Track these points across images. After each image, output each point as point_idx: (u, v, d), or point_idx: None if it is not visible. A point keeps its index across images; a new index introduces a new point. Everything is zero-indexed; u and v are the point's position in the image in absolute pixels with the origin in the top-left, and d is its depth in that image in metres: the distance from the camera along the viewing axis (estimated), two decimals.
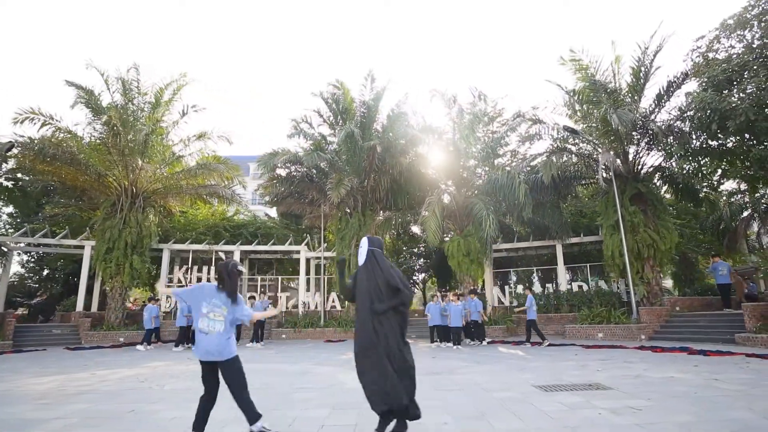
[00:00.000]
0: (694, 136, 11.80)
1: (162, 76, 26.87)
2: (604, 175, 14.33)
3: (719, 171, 13.14)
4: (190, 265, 19.36)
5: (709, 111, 9.75)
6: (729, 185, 17.50)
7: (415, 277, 34.95)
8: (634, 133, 14.23)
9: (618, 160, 15.11)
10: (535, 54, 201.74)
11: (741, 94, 9.88)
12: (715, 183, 15.05)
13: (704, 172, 12.89)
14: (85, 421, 4.42)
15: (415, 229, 23.77)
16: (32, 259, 27.47)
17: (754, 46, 10.95)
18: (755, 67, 10.06)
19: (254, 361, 9.48)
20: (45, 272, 28.46)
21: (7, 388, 6.54)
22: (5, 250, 18.05)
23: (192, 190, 18.80)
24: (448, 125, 18.47)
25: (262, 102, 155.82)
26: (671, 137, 12.82)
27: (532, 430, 3.78)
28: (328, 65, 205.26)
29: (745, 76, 9.94)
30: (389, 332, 3.49)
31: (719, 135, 10.74)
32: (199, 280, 18.61)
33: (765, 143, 11.20)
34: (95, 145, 16.79)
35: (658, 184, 16.26)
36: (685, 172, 13.18)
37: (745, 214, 17.87)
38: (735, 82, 10.25)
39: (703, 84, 10.66)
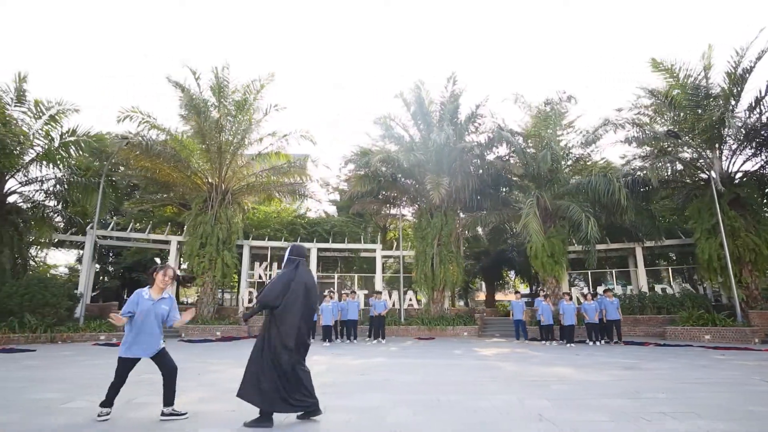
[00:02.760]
0: None
1: (250, 76, 27.12)
2: (705, 178, 14.51)
3: None
4: (269, 261, 19.71)
5: None
6: None
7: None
8: (740, 138, 14.38)
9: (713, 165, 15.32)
10: (608, 56, 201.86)
11: None
12: None
13: None
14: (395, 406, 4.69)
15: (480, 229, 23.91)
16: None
17: None
18: None
19: (408, 357, 9.76)
20: (97, 266, 28.99)
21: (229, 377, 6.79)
22: (96, 242, 18.43)
23: (274, 188, 19.15)
24: (528, 128, 18.77)
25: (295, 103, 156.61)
26: None
27: None
28: (401, 65, 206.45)
29: None
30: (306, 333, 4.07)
31: None
32: None
33: None
34: (189, 142, 17.14)
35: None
36: None
37: None
38: None
39: None
